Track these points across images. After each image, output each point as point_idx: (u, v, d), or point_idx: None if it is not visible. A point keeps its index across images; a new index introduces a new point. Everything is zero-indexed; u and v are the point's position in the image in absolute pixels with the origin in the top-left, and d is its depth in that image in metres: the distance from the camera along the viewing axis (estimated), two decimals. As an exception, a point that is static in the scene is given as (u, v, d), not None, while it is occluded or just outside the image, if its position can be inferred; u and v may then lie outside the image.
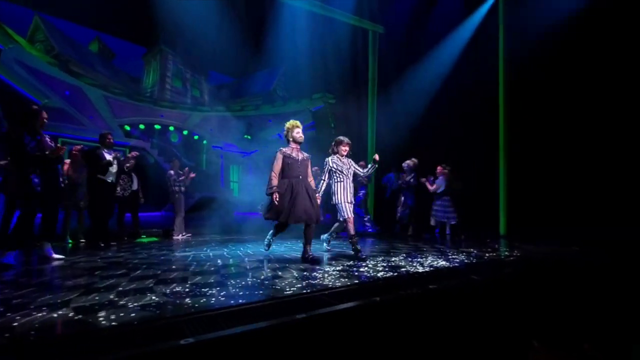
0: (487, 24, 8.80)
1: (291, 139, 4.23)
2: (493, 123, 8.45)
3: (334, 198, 4.65)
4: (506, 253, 4.88)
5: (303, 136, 4.24)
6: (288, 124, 4.26)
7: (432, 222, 7.53)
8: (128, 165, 6.08)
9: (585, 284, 4.41)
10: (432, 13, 9.52)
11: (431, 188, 7.34)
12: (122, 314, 2.07)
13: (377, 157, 4.58)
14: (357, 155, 6.78)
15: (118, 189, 6.10)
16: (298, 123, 4.27)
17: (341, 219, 4.71)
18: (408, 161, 7.57)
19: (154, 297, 2.47)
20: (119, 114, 11.21)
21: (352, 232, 4.47)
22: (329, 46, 9.81)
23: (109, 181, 5.43)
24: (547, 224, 7.19)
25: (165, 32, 11.86)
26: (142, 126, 11.94)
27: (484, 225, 8.16)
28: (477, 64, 8.85)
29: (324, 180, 4.72)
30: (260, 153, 15.01)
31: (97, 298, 2.44)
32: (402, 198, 7.69)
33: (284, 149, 4.17)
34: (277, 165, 4.08)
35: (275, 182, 4.00)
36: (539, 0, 7.57)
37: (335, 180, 4.67)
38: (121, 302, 2.33)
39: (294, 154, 4.15)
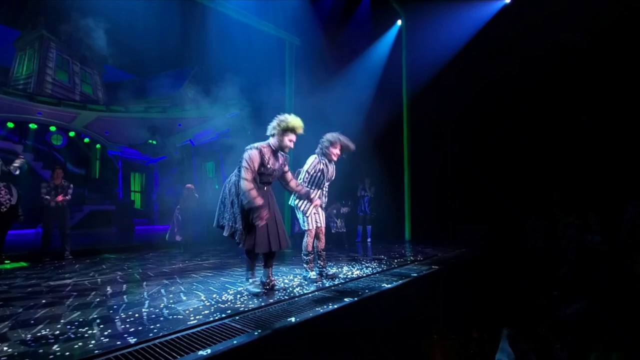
0: (394, 46, 9.66)
1: (278, 141, 3.05)
2: (399, 138, 9.20)
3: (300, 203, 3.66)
4: (411, 258, 5.25)
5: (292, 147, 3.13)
6: (290, 122, 3.02)
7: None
8: (17, 165, 4.82)
9: (472, 280, 5.01)
10: (345, 31, 10.03)
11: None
12: (-53, 382, 1.52)
13: None
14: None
15: None
16: (301, 125, 3.10)
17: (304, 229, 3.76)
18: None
19: (6, 348, 1.91)
20: (-23, 109, 9.02)
21: (308, 247, 3.68)
22: (246, 52, 9.51)
23: None
24: (442, 226, 8.29)
25: (47, 16, 10.05)
26: (10, 124, 9.81)
27: (393, 232, 8.82)
28: (385, 83, 9.62)
29: (304, 181, 3.67)
30: (170, 160, 13.71)
31: None
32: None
33: (262, 148, 2.99)
34: (255, 165, 2.90)
35: (255, 193, 2.80)
36: (434, 31, 8.66)
37: (312, 186, 3.72)
38: (-49, 362, 1.73)
39: (268, 161, 3.00)
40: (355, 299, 2.89)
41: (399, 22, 9.50)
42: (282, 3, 8.97)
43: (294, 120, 3.06)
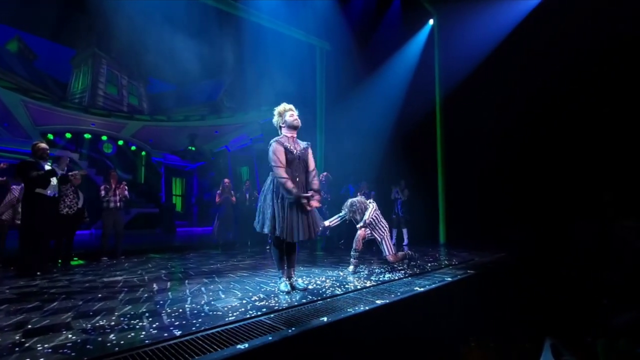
0: (426, 46, 9.50)
1: (284, 125, 3.35)
2: (433, 139, 9.00)
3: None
4: (446, 262, 5.13)
5: (299, 120, 3.37)
6: (279, 108, 3.40)
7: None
8: (71, 175, 5.39)
9: (513, 286, 4.80)
10: (375, 34, 10.02)
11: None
12: (25, 361, 1.75)
13: None
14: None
15: (61, 206, 5.35)
16: (291, 106, 3.44)
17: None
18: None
19: (70, 336, 2.14)
20: (41, 122, 10.02)
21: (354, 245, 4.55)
22: (278, 59, 9.80)
23: (50, 195, 4.69)
24: (478, 230, 8.03)
25: (98, 35, 10.97)
26: (68, 135, 10.79)
27: (427, 235, 8.63)
28: (417, 84, 9.48)
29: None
30: (208, 166, 14.37)
31: (-4, 341, 2.05)
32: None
33: (280, 139, 3.26)
34: (282, 157, 3.14)
35: (291, 184, 3.05)
36: (467, 30, 8.42)
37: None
38: (28, 344, 1.98)
39: (291, 146, 3.23)
40: (387, 301, 2.90)
41: (431, 22, 9.34)
42: (313, 9, 9.15)
43: (279, 108, 3.42)
